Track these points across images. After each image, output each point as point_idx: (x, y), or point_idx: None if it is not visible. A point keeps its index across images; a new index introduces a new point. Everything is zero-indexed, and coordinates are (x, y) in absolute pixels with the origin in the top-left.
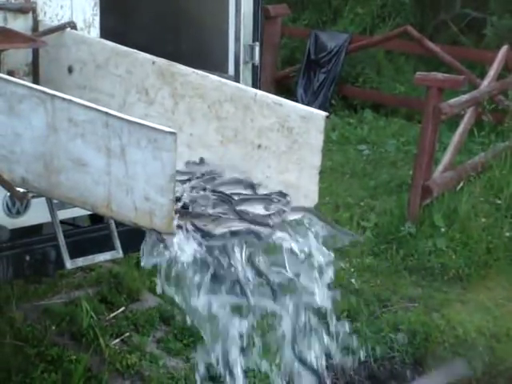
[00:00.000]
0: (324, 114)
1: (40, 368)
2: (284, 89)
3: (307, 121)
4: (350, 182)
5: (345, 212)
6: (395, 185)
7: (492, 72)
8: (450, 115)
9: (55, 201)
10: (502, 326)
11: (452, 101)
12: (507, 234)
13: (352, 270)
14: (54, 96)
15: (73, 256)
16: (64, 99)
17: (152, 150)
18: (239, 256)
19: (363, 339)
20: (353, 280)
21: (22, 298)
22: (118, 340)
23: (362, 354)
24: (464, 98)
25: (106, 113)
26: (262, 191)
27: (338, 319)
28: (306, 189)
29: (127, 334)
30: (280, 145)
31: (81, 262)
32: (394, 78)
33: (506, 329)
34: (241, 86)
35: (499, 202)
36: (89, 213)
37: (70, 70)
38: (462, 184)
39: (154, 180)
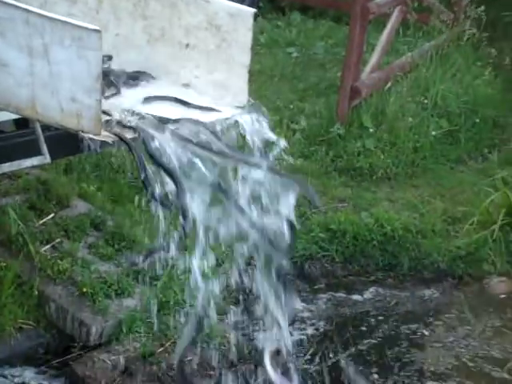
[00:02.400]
0: (252, 10)
1: None
2: None
3: (235, 18)
4: (279, 84)
5: (274, 115)
6: (324, 87)
7: None
8: (377, 14)
9: None
10: (428, 223)
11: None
12: (433, 133)
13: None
14: None
15: None
16: None
17: (76, 49)
18: None
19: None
20: None
21: None
22: (48, 246)
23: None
24: None
25: (27, 10)
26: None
27: None
28: (235, 88)
29: (58, 240)
30: (208, 43)
31: (6, 167)
32: None
33: (432, 225)
34: None
35: (426, 101)
36: (13, 117)
37: None
38: (389, 84)
39: (80, 80)
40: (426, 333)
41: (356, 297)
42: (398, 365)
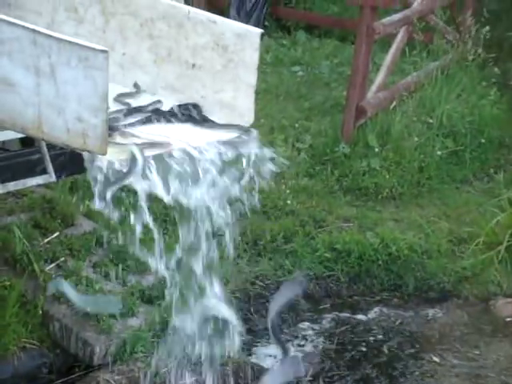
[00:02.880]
0: (259, 31)
1: None
2: (216, 11)
3: (242, 38)
4: (285, 103)
5: (280, 134)
6: (329, 106)
7: None
8: (383, 34)
9: None
10: (434, 243)
11: (385, 20)
12: (439, 153)
13: (287, 191)
14: None
15: (3, 180)
16: None
17: (83, 69)
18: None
19: (299, 259)
20: (288, 201)
21: None
22: (53, 265)
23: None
24: (397, 16)
25: (34, 30)
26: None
27: (273, 240)
28: (241, 108)
29: (62, 258)
30: (215, 63)
31: (12, 186)
32: None
33: (437, 245)
34: (173, 2)
35: (431, 120)
36: (19, 136)
37: None
38: (395, 104)
39: (87, 100)
40: (436, 359)
41: (360, 317)
42: None
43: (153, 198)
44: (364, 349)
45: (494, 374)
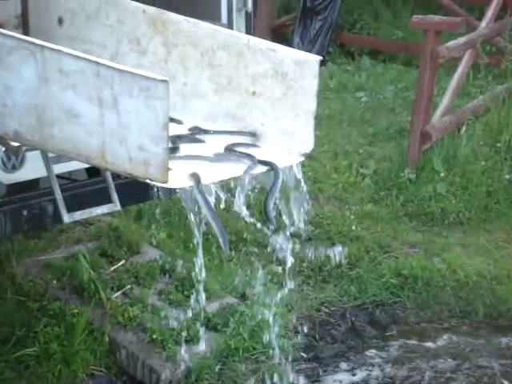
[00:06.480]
0: (318, 57)
1: (43, 322)
2: (281, 38)
3: (301, 65)
4: (349, 129)
5: (343, 160)
6: (394, 131)
7: (489, 13)
8: (447, 58)
9: (51, 155)
10: (503, 268)
11: (449, 44)
12: (507, 177)
13: (352, 217)
14: (43, 47)
15: (70, 210)
16: (54, 49)
17: (144, 99)
18: None
19: (364, 285)
20: (353, 227)
21: (22, 253)
22: (119, 293)
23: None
24: (461, 40)
25: (97, 62)
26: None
27: (338, 266)
28: (301, 134)
29: (128, 286)
30: (274, 91)
31: (78, 215)
32: (392, 23)
33: (507, 271)
34: (233, 32)
35: (499, 144)
36: (85, 166)
37: (61, 21)
38: (463, 129)
39: (148, 129)
40: (506, 383)
41: (429, 344)
42: None
43: None
44: (432, 375)
45: None
